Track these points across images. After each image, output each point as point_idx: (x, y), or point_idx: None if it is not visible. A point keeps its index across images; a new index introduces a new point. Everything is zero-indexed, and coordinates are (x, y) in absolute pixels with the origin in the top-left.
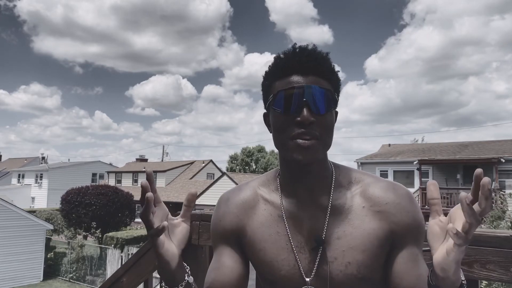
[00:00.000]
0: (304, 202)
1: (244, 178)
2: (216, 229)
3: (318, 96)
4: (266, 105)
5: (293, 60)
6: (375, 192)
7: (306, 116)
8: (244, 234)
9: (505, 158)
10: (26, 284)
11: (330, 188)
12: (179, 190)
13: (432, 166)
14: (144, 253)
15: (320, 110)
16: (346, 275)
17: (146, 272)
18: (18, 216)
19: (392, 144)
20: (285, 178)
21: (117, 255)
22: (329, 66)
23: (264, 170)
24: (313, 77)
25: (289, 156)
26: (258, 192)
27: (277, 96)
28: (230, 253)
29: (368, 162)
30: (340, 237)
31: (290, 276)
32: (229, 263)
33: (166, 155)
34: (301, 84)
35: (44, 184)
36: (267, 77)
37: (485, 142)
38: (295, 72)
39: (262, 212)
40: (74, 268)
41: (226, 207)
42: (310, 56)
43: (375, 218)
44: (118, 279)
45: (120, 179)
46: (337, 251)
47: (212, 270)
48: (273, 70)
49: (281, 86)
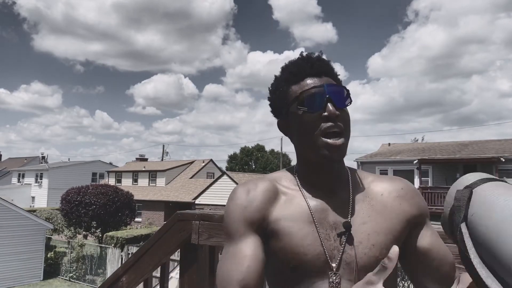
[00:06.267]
0: (326, 195)
1: (244, 178)
2: (241, 216)
3: (337, 92)
4: (282, 112)
5: (305, 65)
6: (386, 183)
7: (332, 110)
8: (269, 221)
9: (505, 157)
10: (26, 283)
11: (348, 182)
12: (179, 189)
13: (432, 165)
14: (144, 252)
15: (340, 104)
16: (370, 257)
17: (146, 272)
18: (18, 216)
19: (392, 143)
20: (305, 175)
21: (117, 255)
22: (334, 69)
23: (263, 169)
24: (326, 78)
25: (317, 153)
26: (276, 185)
27: (300, 97)
28: (256, 241)
29: (368, 161)
30: (366, 222)
31: (315, 261)
32: (257, 251)
33: (166, 154)
34: (321, 83)
35: (44, 184)
36: (279, 85)
37: (485, 141)
38: (309, 75)
39: (285, 201)
40: (74, 267)
41: (249, 196)
42: (320, 61)
43: (395, 203)
44: (118, 278)
45: (120, 178)
46: (362, 235)
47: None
48: (286, 77)
49: (300, 88)
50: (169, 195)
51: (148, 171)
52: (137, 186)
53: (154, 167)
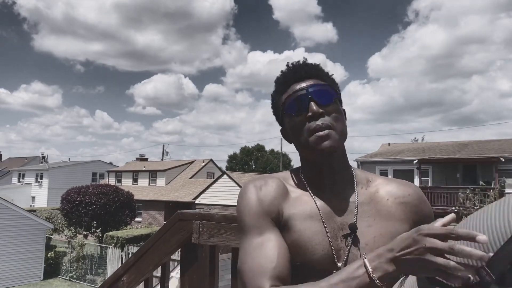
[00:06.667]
0: (332, 196)
1: (244, 178)
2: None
3: (319, 90)
4: (281, 120)
5: (289, 72)
6: (394, 187)
7: (315, 109)
8: (282, 215)
9: (504, 157)
10: (26, 283)
11: (353, 184)
12: (179, 189)
13: (431, 165)
14: (144, 252)
15: (324, 101)
16: None
17: (147, 271)
18: (18, 216)
19: (392, 143)
20: (310, 176)
21: (117, 254)
22: (322, 70)
23: (263, 169)
24: (311, 80)
25: (312, 151)
26: (284, 183)
27: (286, 103)
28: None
29: (367, 161)
30: (371, 225)
31: (323, 260)
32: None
33: (166, 154)
34: (303, 86)
35: (44, 184)
36: (274, 98)
37: (484, 141)
38: (294, 81)
39: (294, 199)
40: (75, 267)
41: (262, 191)
42: (303, 65)
43: (400, 208)
44: (119, 278)
45: (120, 178)
46: (368, 237)
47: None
48: (277, 88)
49: (286, 95)
50: (169, 195)
51: (148, 171)
52: (137, 186)
53: (154, 167)
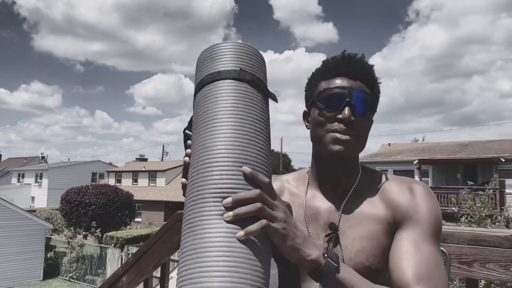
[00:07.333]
0: (326, 194)
1: None
2: None
3: (360, 98)
4: (308, 103)
5: (342, 63)
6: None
7: (347, 114)
8: None
9: (505, 157)
10: (26, 283)
11: (353, 185)
12: (179, 189)
13: (432, 165)
14: (144, 252)
15: (361, 112)
16: (356, 262)
17: (146, 272)
18: (18, 216)
19: (392, 143)
20: (314, 171)
21: (117, 255)
22: (373, 75)
23: None
24: (358, 82)
25: (325, 148)
26: (285, 185)
27: (323, 94)
28: None
29: (368, 161)
30: (352, 226)
31: None
32: None
33: (166, 154)
34: (346, 86)
35: (44, 184)
36: (313, 78)
37: (485, 141)
38: (342, 75)
39: (288, 200)
40: (74, 267)
41: None
42: (358, 62)
43: (382, 207)
44: (118, 278)
45: (120, 178)
46: (348, 239)
47: None
48: (321, 71)
49: (327, 85)
50: (169, 195)
51: (148, 171)
52: (137, 186)
53: (154, 167)
